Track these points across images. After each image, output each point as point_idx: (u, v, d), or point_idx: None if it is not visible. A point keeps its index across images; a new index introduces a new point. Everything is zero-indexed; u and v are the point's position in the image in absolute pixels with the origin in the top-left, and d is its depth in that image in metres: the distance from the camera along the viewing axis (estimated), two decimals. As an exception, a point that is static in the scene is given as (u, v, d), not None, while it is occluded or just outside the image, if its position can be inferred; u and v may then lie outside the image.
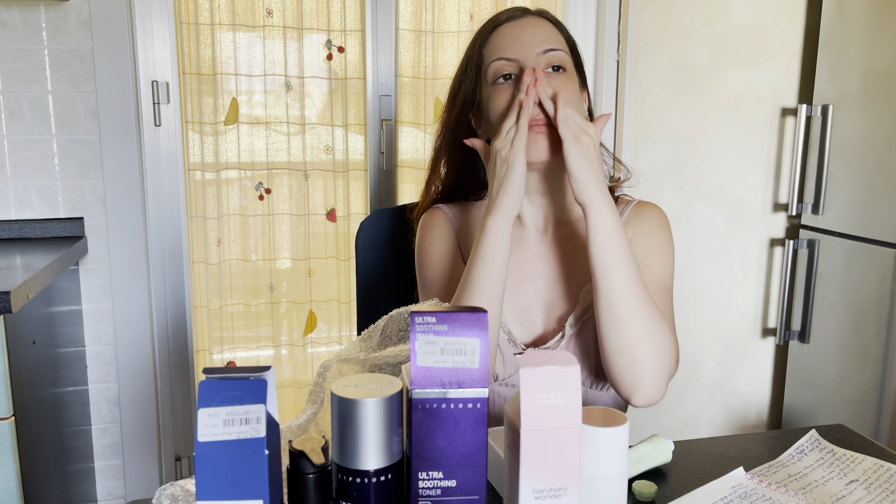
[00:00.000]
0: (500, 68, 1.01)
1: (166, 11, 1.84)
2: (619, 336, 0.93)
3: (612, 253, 0.92)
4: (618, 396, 1.07)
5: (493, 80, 1.01)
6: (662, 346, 0.93)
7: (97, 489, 1.91)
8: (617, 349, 0.93)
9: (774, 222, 2.22)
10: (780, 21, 2.12)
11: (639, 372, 0.93)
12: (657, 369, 0.93)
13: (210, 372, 0.56)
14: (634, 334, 0.92)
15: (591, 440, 0.65)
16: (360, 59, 2.00)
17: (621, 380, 0.95)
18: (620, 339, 0.93)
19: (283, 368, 2.07)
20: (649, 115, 2.09)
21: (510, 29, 1.03)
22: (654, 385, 0.94)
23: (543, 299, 1.05)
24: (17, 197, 1.77)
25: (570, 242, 1.07)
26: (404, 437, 0.61)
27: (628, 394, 0.95)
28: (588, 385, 1.04)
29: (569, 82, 1.00)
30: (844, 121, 1.94)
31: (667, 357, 0.94)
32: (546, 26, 1.03)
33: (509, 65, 1.00)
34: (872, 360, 1.86)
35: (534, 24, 1.03)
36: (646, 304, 0.93)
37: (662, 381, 0.94)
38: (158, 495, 0.66)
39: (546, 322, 1.05)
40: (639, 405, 0.95)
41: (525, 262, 1.06)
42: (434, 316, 0.59)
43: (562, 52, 1.01)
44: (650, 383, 0.93)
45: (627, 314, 0.92)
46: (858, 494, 0.78)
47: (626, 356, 0.93)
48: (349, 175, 2.03)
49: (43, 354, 1.52)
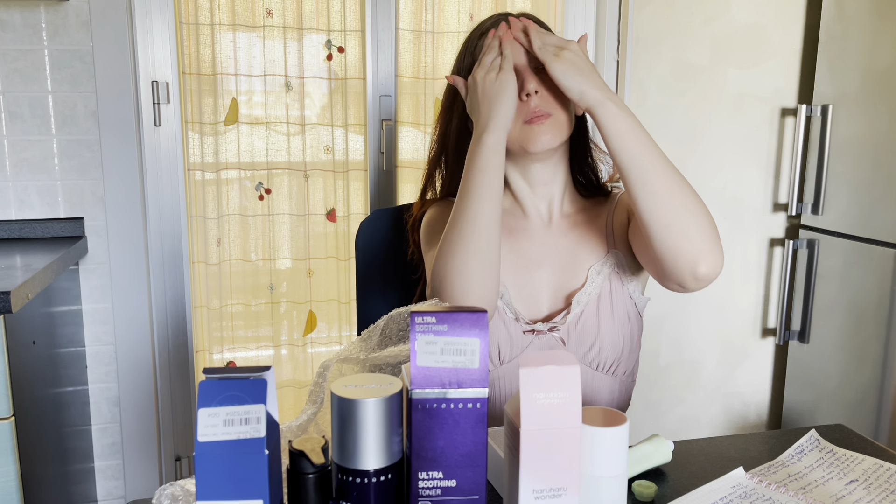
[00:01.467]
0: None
1: (166, 11, 1.84)
2: (664, 211, 0.90)
3: (632, 141, 0.91)
4: (624, 380, 1.07)
5: None
6: (705, 211, 0.91)
7: (97, 489, 1.91)
8: (666, 223, 0.90)
9: (774, 222, 2.23)
10: (780, 21, 2.12)
11: (695, 238, 0.90)
12: (710, 232, 0.91)
13: (210, 372, 0.56)
14: (679, 204, 0.90)
15: (591, 440, 0.65)
16: (360, 60, 2.00)
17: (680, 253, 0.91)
18: (667, 212, 0.90)
19: (283, 368, 2.07)
20: (649, 115, 2.09)
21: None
22: (714, 248, 0.91)
23: (550, 286, 1.06)
24: (17, 197, 1.77)
25: (574, 231, 1.08)
26: (404, 437, 0.61)
27: (692, 266, 0.90)
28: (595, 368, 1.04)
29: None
30: (844, 121, 1.94)
31: (712, 221, 0.92)
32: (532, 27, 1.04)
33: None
34: (872, 360, 1.86)
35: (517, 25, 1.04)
36: (678, 176, 0.91)
37: (718, 244, 0.91)
38: (158, 495, 0.66)
39: (551, 300, 1.06)
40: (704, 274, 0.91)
41: (531, 251, 1.07)
42: (434, 316, 0.59)
43: None
44: (710, 246, 0.90)
45: (666, 189, 0.90)
46: (858, 494, 0.78)
47: (677, 227, 0.90)
48: (349, 175, 2.03)
49: (43, 354, 1.52)
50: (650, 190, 0.90)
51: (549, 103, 1.00)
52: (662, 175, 0.90)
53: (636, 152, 0.91)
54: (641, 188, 0.91)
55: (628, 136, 0.91)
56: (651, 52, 2.06)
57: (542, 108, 0.99)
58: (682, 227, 0.90)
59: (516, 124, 1.00)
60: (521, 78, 1.00)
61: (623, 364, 1.06)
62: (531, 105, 0.99)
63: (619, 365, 1.06)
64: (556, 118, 1.00)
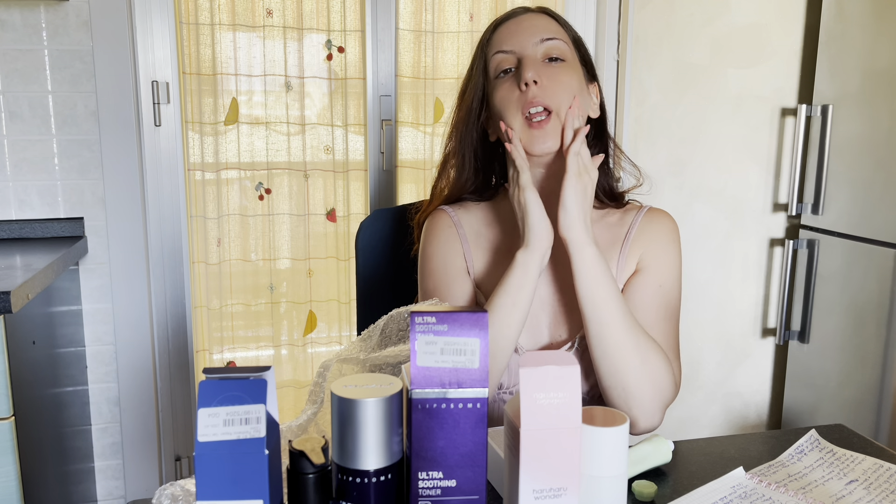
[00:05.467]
0: (500, 62, 1.01)
1: (166, 11, 1.84)
2: (611, 372, 0.93)
3: (598, 292, 0.93)
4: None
5: (496, 74, 1.02)
6: (656, 377, 0.94)
7: (97, 489, 1.91)
8: (610, 384, 0.94)
9: (774, 222, 2.23)
10: (780, 21, 2.12)
11: (632, 406, 0.93)
12: (650, 402, 0.94)
13: (210, 372, 0.56)
14: (626, 370, 0.92)
15: (591, 440, 0.65)
16: (360, 59, 2.00)
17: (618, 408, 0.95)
18: (612, 375, 0.93)
19: (283, 368, 2.07)
20: (649, 115, 2.09)
21: (509, 25, 1.04)
22: (647, 417, 0.94)
23: (549, 305, 1.04)
24: (17, 197, 1.77)
25: None
26: (404, 437, 0.61)
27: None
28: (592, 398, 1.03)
29: (567, 71, 1.00)
30: (844, 121, 1.94)
31: (661, 388, 0.94)
32: (544, 19, 1.04)
33: (508, 57, 1.01)
34: (872, 360, 1.86)
35: (532, 18, 1.03)
36: (636, 339, 0.93)
37: (657, 412, 0.95)
38: (158, 495, 0.66)
39: (552, 329, 1.03)
40: (636, 434, 0.96)
41: None
42: (434, 316, 0.59)
43: (560, 42, 1.01)
44: (644, 416, 0.94)
45: (617, 351, 0.92)
46: (858, 494, 0.78)
47: (618, 391, 0.94)
48: (349, 175, 2.03)
49: (43, 354, 1.52)
50: (605, 351, 0.93)
51: (550, 96, 0.97)
52: (620, 337, 0.92)
53: (600, 302, 0.92)
54: (598, 342, 0.93)
55: (597, 285, 0.93)
56: (651, 52, 2.06)
57: (541, 99, 0.96)
58: (623, 393, 0.93)
59: (516, 117, 0.98)
60: (523, 66, 0.98)
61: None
62: (529, 96, 0.96)
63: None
64: (557, 117, 0.97)
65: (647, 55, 2.06)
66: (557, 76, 0.98)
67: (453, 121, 1.10)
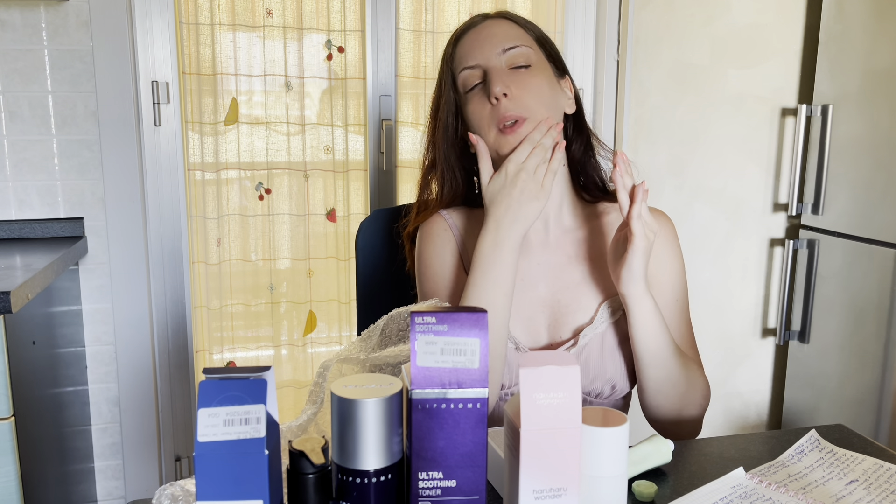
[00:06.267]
0: (466, 78, 1.01)
1: (166, 11, 1.84)
2: (668, 404, 1.00)
3: (656, 339, 0.96)
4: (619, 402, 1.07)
5: (465, 90, 1.02)
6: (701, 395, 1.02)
7: (97, 489, 1.91)
8: (664, 414, 1.01)
9: (774, 222, 2.23)
10: (780, 21, 2.12)
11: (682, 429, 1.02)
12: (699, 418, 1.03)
13: (210, 372, 0.56)
14: (681, 400, 1.00)
15: (591, 440, 0.65)
16: (359, 59, 2.00)
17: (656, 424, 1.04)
18: (669, 406, 1.00)
19: (283, 368, 2.07)
20: (649, 115, 2.09)
21: (469, 37, 1.03)
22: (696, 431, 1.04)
23: (548, 306, 1.03)
24: (17, 197, 1.77)
25: (571, 249, 1.05)
26: (404, 437, 0.61)
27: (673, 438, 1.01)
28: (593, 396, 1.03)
29: (535, 76, 0.99)
30: (844, 121, 1.94)
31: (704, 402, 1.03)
32: (504, 25, 1.02)
33: (474, 73, 1.00)
34: (872, 360, 1.86)
35: (491, 27, 1.02)
36: (687, 372, 1.00)
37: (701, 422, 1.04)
38: (158, 495, 0.66)
39: (551, 330, 1.03)
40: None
41: (528, 269, 1.04)
42: (434, 316, 0.59)
43: (523, 48, 1.00)
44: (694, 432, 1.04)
45: (673, 388, 0.99)
46: (858, 494, 0.78)
47: (673, 416, 1.01)
48: (349, 175, 2.03)
49: (43, 354, 1.52)
50: (658, 387, 0.99)
51: (522, 105, 0.96)
52: (674, 373, 0.98)
53: (657, 351, 0.97)
54: (654, 383, 0.99)
55: (657, 335, 0.96)
56: (651, 52, 2.06)
57: (513, 111, 0.96)
58: (678, 416, 1.01)
59: (490, 131, 0.97)
60: (490, 80, 0.97)
61: (619, 392, 1.04)
62: (500, 111, 0.96)
63: (616, 394, 1.04)
64: (531, 122, 0.96)
65: (647, 55, 2.06)
66: (526, 83, 0.97)
67: (430, 136, 1.08)
